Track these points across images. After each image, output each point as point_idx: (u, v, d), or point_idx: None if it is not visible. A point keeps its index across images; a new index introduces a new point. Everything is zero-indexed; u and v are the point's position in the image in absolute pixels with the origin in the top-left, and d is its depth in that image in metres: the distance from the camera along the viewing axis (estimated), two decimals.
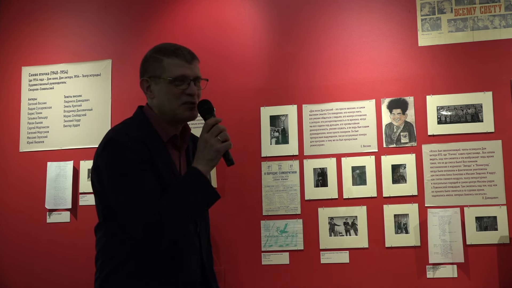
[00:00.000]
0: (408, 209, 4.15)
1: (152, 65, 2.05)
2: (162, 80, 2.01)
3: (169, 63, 2.02)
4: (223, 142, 1.92)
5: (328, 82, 4.41)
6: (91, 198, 4.51)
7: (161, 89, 2.02)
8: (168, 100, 2.00)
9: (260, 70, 4.55)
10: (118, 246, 1.96)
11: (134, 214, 1.84)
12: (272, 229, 4.30)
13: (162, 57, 2.03)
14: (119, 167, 1.88)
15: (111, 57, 4.78)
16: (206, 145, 1.92)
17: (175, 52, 2.04)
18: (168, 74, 2.01)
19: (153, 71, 2.04)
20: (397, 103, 4.26)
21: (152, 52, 2.09)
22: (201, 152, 1.92)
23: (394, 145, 4.22)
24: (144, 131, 1.98)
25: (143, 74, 2.09)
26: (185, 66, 2.03)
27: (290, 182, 4.32)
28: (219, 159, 1.94)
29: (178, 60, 2.02)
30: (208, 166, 1.91)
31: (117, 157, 1.88)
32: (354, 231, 4.20)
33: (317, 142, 4.34)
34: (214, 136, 1.92)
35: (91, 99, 4.76)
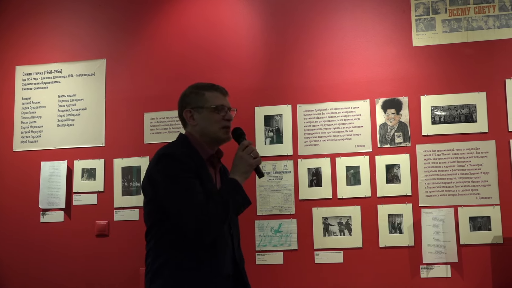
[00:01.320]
0: (402, 209, 4.17)
1: (194, 98, 2.43)
2: (205, 109, 2.40)
3: (210, 95, 2.41)
4: (255, 159, 2.35)
5: (323, 82, 4.42)
6: (85, 198, 4.64)
7: (203, 117, 2.40)
8: (210, 125, 2.39)
9: (255, 70, 4.55)
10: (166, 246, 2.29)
11: (190, 212, 2.18)
12: (266, 229, 4.32)
13: (203, 91, 2.42)
14: (172, 175, 2.23)
15: (105, 57, 4.79)
16: (242, 160, 2.33)
17: (214, 87, 2.45)
18: (211, 104, 2.40)
19: (196, 103, 2.42)
20: (391, 103, 4.29)
21: (192, 88, 2.47)
22: (236, 166, 2.34)
23: (388, 145, 4.25)
24: (188, 150, 2.35)
25: (186, 106, 2.45)
26: (222, 98, 2.44)
27: (284, 182, 4.33)
28: (251, 172, 2.36)
29: (217, 93, 2.43)
30: (243, 177, 2.33)
31: (171, 167, 2.24)
32: (348, 231, 4.21)
33: (312, 142, 4.35)
34: (248, 153, 2.34)
35: (85, 99, 4.76)
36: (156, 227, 2.33)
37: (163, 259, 2.30)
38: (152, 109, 4.66)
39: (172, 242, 2.29)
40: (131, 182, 4.57)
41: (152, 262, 2.34)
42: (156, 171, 2.29)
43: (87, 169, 4.66)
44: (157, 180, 2.28)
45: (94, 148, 4.73)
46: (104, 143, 4.73)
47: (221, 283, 2.34)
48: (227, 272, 2.38)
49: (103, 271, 4.60)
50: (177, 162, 2.26)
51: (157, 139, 4.60)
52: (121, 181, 4.61)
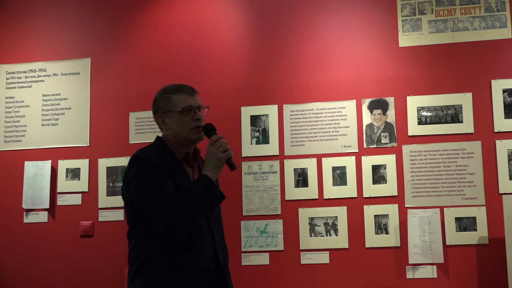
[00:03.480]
0: (388, 209, 4.27)
1: (163, 103, 2.54)
2: (173, 113, 2.50)
3: (176, 98, 2.51)
4: (224, 152, 2.42)
5: (309, 82, 4.50)
6: (70, 198, 4.67)
7: (173, 120, 2.51)
8: (180, 128, 2.50)
9: (241, 69, 4.60)
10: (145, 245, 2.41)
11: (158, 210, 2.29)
12: (252, 229, 4.39)
13: (169, 95, 2.52)
14: (144, 176, 2.35)
15: (90, 56, 4.82)
16: (212, 156, 2.42)
17: (180, 89, 2.53)
18: (178, 107, 2.50)
19: (165, 108, 2.53)
20: (377, 103, 4.38)
21: (160, 93, 2.58)
22: (207, 162, 2.42)
23: (375, 145, 4.34)
24: (163, 151, 2.46)
25: (157, 112, 2.57)
26: (189, 98, 2.52)
27: (270, 182, 4.40)
28: (222, 166, 2.44)
29: (183, 95, 2.52)
30: (214, 172, 2.41)
31: (142, 169, 2.36)
32: (335, 231, 4.30)
33: (298, 142, 4.43)
34: (217, 148, 2.42)
35: (69, 98, 4.79)
36: (135, 227, 2.47)
37: (142, 258, 2.42)
38: (138, 109, 4.69)
39: (150, 241, 2.41)
40: (116, 182, 4.57)
41: (132, 262, 2.47)
42: (129, 173, 2.43)
43: (71, 169, 4.69)
44: (130, 182, 2.42)
45: (79, 147, 4.75)
46: (88, 142, 4.74)
47: (202, 279, 2.43)
48: (207, 268, 2.48)
49: (87, 272, 4.60)
50: (148, 163, 2.38)
51: (143, 139, 4.61)
52: (106, 181, 4.62)
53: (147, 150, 2.47)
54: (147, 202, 2.35)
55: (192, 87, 2.60)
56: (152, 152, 2.45)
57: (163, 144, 2.53)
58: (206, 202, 2.37)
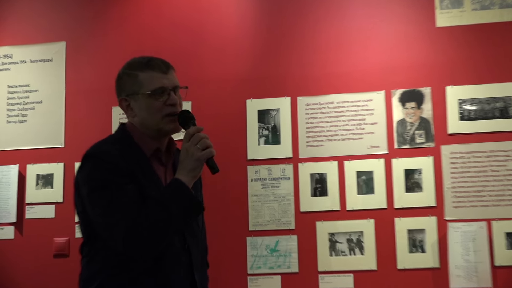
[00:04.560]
0: (425, 223, 4.17)
1: (128, 83, 2.35)
2: (140, 96, 2.31)
3: (145, 77, 2.32)
4: (204, 150, 2.21)
5: (328, 70, 4.43)
6: (40, 210, 4.62)
7: (141, 106, 2.32)
8: (150, 115, 2.31)
9: (246, 55, 4.57)
10: (100, 266, 2.24)
11: (114, 227, 2.12)
12: (261, 247, 4.34)
13: (136, 72, 2.34)
14: (97, 181, 2.18)
15: (65, 39, 4.81)
16: (187, 155, 2.21)
17: (149, 65, 2.34)
18: (146, 88, 2.31)
19: (130, 88, 2.34)
20: (411, 95, 4.29)
21: (124, 69, 2.40)
22: (182, 162, 2.22)
23: (408, 145, 4.26)
24: (125, 146, 2.30)
25: (120, 93, 2.39)
26: (161, 77, 2.33)
27: (282, 191, 4.36)
28: (201, 168, 2.23)
29: (153, 72, 2.33)
30: (190, 176, 2.20)
31: (95, 171, 2.19)
32: (360, 249, 4.23)
33: (315, 142, 4.37)
34: (194, 144, 2.20)
35: (40, 90, 4.76)
36: (90, 243, 2.31)
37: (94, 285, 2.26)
38: None
39: (108, 261, 2.25)
40: None
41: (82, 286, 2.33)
42: (80, 177, 2.28)
43: (43, 175, 4.66)
44: (81, 188, 2.27)
45: (52, 149, 4.72)
46: (63, 143, 4.71)
47: None
48: None
49: None
50: (103, 163, 2.22)
51: None
52: None
53: (103, 145, 2.32)
54: (101, 214, 2.18)
55: (165, 61, 2.41)
56: (110, 148, 2.28)
57: (126, 135, 2.36)
58: (178, 216, 2.19)
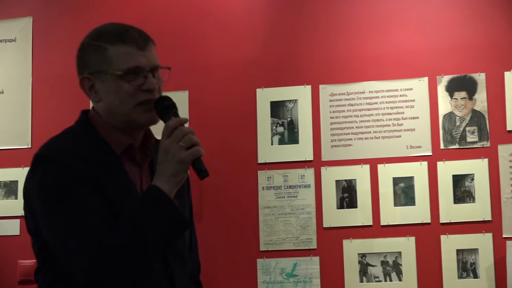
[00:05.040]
0: (478, 241, 4.01)
1: (94, 58, 2.12)
2: (109, 76, 2.08)
3: (116, 53, 2.10)
4: (188, 149, 1.99)
5: (357, 52, 4.26)
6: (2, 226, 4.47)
7: (108, 88, 2.09)
8: (119, 101, 2.08)
9: (256, 35, 4.40)
10: None
11: (74, 254, 1.92)
12: (275, 271, 4.20)
13: (105, 45, 2.11)
14: (52, 192, 1.96)
15: (31, 14, 4.64)
16: (167, 156, 2.00)
17: (122, 37, 2.11)
18: (116, 67, 2.08)
19: (96, 65, 2.11)
20: (460, 83, 4.13)
21: (90, 39, 2.16)
22: (161, 165, 2.01)
23: (457, 145, 4.10)
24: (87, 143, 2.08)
25: (82, 70, 2.14)
26: (137, 54, 2.11)
27: (301, 201, 4.22)
28: (185, 172, 2.03)
29: (127, 47, 2.10)
30: (171, 182, 1.99)
31: (48, 179, 1.98)
32: (397, 274, 4.06)
33: (341, 142, 4.22)
34: (176, 142, 2.00)
35: (1, 77, 4.61)
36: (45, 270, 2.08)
37: None
38: None
39: None
40: None
41: None
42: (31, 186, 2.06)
43: (5, 183, 4.55)
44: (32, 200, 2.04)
45: (16, 150, 4.57)
46: (30, 143, 4.54)
47: None
48: None
49: None
50: (57, 168, 1.98)
51: None
52: None
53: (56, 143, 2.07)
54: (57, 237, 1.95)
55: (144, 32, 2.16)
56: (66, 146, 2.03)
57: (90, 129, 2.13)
58: (157, 236, 1.97)
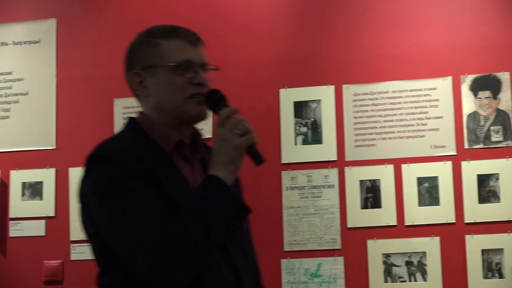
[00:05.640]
0: (503, 241, 4.00)
1: (145, 53, 2.19)
2: (160, 69, 2.15)
3: (168, 46, 2.17)
4: (243, 136, 2.03)
5: (381, 52, 4.27)
6: (27, 227, 4.51)
7: (159, 82, 2.16)
8: (170, 94, 2.14)
9: (279, 35, 4.41)
10: None
11: (136, 246, 1.93)
12: (299, 271, 4.21)
13: (157, 40, 2.18)
14: (108, 188, 2.01)
15: (56, 16, 4.66)
16: (222, 143, 2.03)
17: (175, 33, 2.19)
18: (169, 59, 2.14)
19: (147, 60, 2.17)
20: (485, 82, 4.14)
21: (141, 36, 2.25)
22: (217, 153, 2.04)
23: (481, 145, 4.11)
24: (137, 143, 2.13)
25: (132, 66, 2.20)
26: (189, 49, 2.17)
27: (325, 202, 4.23)
28: (241, 159, 2.04)
29: (179, 42, 2.17)
30: (229, 170, 2.02)
31: (104, 176, 2.02)
32: (422, 274, 4.06)
33: (365, 142, 4.24)
34: (230, 129, 2.03)
35: (26, 79, 4.63)
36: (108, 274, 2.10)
37: None
38: (126, 94, 4.24)
39: None
40: None
41: None
42: (86, 186, 2.10)
43: (30, 184, 4.55)
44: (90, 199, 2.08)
45: (41, 151, 4.59)
46: (55, 144, 4.58)
47: None
48: None
49: None
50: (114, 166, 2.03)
51: None
52: None
53: (111, 143, 2.14)
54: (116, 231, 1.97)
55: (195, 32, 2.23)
56: (121, 145, 2.09)
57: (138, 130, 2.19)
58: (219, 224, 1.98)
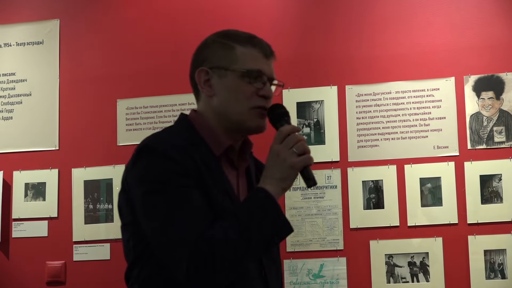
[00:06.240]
0: (506, 241, 4.00)
1: (218, 53, 2.19)
2: (231, 72, 2.14)
3: (243, 52, 2.17)
4: (300, 156, 2.02)
5: (384, 52, 4.29)
6: (30, 227, 4.51)
7: (226, 85, 2.15)
8: (235, 100, 2.13)
9: (282, 36, 4.40)
10: None
11: (176, 243, 1.95)
12: (301, 272, 4.23)
13: (233, 44, 2.19)
14: (156, 182, 2.00)
15: (59, 17, 4.67)
16: (278, 159, 2.03)
17: (251, 41, 2.20)
18: (241, 65, 2.14)
19: (219, 60, 2.17)
20: (488, 82, 4.15)
21: (216, 36, 2.25)
22: (270, 168, 2.03)
23: (484, 145, 4.13)
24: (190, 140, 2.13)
25: (201, 62, 2.20)
26: (262, 60, 2.18)
27: (327, 202, 4.25)
28: (294, 178, 2.04)
29: (255, 51, 2.18)
30: (279, 187, 2.01)
31: (153, 168, 2.02)
32: (425, 275, 4.07)
33: (368, 142, 4.26)
34: (288, 148, 2.02)
35: (29, 79, 4.65)
36: (139, 266, 2.09)
37: None
38: (130, 94, 4.59)
39: None
40: (98, 203, 4.53)
41: None
42: (131, 175, 2.08)
43: (33, 184, 4.56)
44: (132, 190, 2.08)
45: (44, 152, 4.60)
46: (58, 145, 4.58)
47: None
48: None
49: None
50: (165, 160, 2.02)
51: (137, 139, 4.42)
52: (84, 202, 4.57)
53: (163, 137, 2.12)
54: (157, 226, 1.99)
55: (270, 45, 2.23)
56: (173, 141, 2.07)
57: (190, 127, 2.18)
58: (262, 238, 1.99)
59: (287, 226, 2.02)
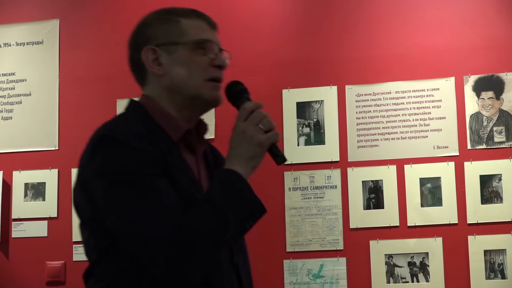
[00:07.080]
0: (506, 242, 4.02)
1: (163, 28, 2.11)
2: (181, 46, 2.07)
3: (190, 24, 2.11)
4: (267, 132, 1.96)
5: (383, 52, 4.31)
6: (30, 227, 4.53)
7: (178, 59, 2.08)
8: (188, 74, 2.06)
9: (282, 36, 4.45)
10: None
11: (152, 239, 1.85)
12: (301, 272, 4.24)
13: (177, 17, 2.12)
14: (120, 173, 1.89)
15: (58, 16, 4.71)
16: (244, 137, 1.95)
17: (195, 12, 2.16)
18: (191, 37, 2.07)
19: (165, 36, 2.09)
20: (488, 82, 4.17)
21: (157, 14, 2.18)
22: (237, 147, 1.96)
23: (484, 146, 4.15)
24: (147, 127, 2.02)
25: (146, 41, 2.10)
26: (209, 30, 2.14)
27: (327, 202, 4.26)
28: (262, 156, 1.97)
29: (200, 22, 2.13)
30: (249, 166, 1.95)
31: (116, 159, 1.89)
32: (425, 275, 4.09)
33: (368, 142, 4.28)
34: (254, 124, 1.95)
35: (29, 79, 4.67)
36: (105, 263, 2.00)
37: None
38: (129, 94, 4.12)
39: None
40: None
41: None
42: (92, 168, 1.94)
43: (32, 184, 4.59)
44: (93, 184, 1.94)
45: (43, 152, 4.64)
46: (57, 145, 4.62)
47: None
48: None
49: None
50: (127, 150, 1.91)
51: None
52: None
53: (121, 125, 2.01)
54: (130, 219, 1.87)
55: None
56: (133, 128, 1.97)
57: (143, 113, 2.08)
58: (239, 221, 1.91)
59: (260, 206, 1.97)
